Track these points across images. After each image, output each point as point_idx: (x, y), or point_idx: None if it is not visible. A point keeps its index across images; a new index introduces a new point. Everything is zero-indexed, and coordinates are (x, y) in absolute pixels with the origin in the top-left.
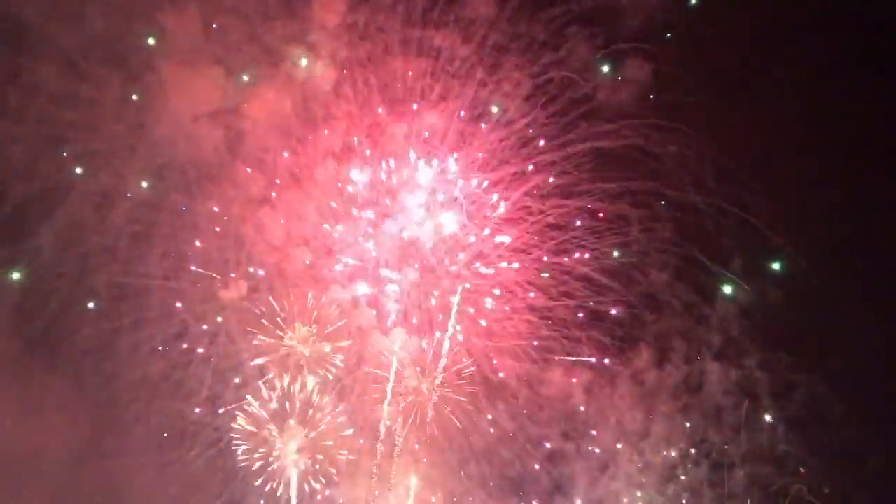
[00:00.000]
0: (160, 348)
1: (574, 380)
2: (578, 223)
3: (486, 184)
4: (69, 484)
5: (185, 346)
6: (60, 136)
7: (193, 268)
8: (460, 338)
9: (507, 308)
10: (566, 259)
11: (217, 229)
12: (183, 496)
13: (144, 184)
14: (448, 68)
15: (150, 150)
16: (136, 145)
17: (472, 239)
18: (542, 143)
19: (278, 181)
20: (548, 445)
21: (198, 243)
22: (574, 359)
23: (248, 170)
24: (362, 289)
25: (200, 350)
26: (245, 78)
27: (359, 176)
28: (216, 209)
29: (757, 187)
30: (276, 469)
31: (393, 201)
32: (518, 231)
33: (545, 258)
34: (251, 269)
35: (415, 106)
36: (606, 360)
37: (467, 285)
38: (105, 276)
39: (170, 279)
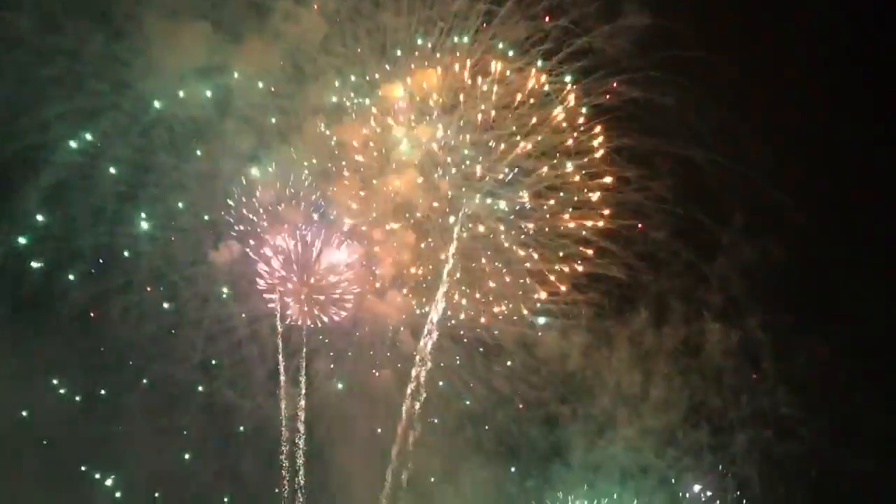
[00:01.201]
0: (150, 312)
1: (571, 343)
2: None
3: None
4: (63, 450)
5: (175, 309)
6: (43, 94)
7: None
8: (456, 301)
9: (504, 270)
10: (563, 220)
11: (206, 189)
12: (178, 461)
13: (130, 143)
14: (441, 23)
15: (135, 109)
16: (122, 103)
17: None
18: (538, 100)
19: (267, 139)
20: (545, 409)
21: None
22: (571, 321)
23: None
24: (356, 250)
25: (191, 313)
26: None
27: (350, 136)
28: (204, 169)
29: (758, 142)
30: (273, 434)
31: (386, 161)
32: (514, 192)
33: (542, 219)
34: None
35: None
36: (604, 322)
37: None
38: (92, 239)
39: (158, 241)
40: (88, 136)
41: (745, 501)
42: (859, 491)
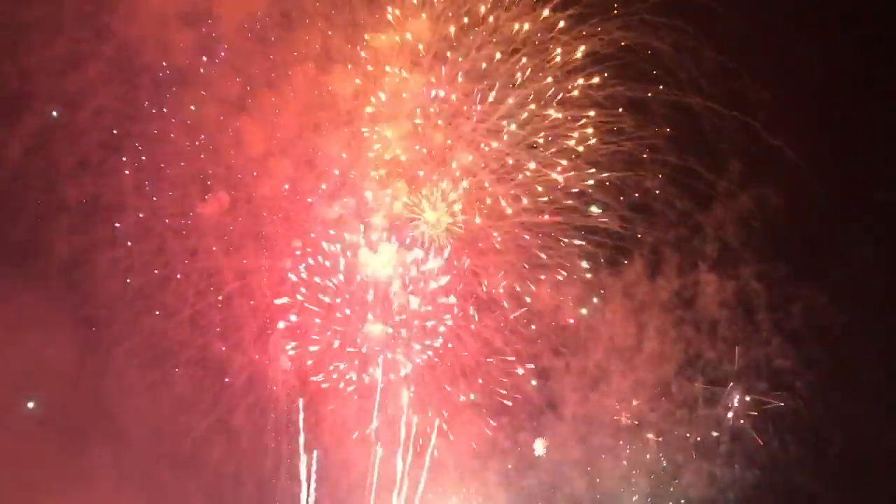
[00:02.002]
0: (138, 265)
1: (564, 294)
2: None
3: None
4: (57, 407)
5: (164, 262)
6: (21, 40)
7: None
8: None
9: (497, 223)
10: (556, 171)
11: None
12: (171, 416)
13: (113, 91)
14: None
15: (117, 55)
16: (103, 50)
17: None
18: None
19: (254, 87)
20: (538, 363)
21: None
22: (564, 273)
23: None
24: (347, 203)
25: (180, 267)
26: None
27: (339, 85)
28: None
29: (757, 87)
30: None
31: (378, 113)
32: (505, 143)
33: (535, 171)
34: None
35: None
36: (598, 274)
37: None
38: (76, 189)
39: (144, 192)
40: (70, 84)
41: (737, 454)
42: (854, 444)
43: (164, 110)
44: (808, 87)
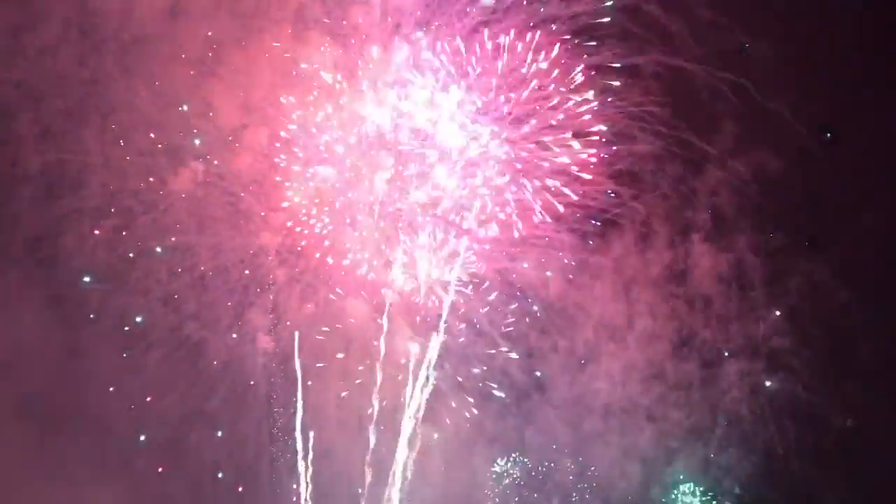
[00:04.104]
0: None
1: (550, 272)
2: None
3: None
4: (26, 391)
5: (134, 238)
6: None
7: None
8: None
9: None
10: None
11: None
12: (147, 402)
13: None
14: None
15: (79, 16)
16: (63, 11)
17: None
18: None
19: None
20: (523, 342)
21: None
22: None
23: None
24: (327, 177)
25: (151, 244)
26: None
27: (318, 53)
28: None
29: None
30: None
31: (358, 80)
32: (490, 117)
33: (520, 144)
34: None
35: None
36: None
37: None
38: (38, 160)
39: (111, 163)
40: (28, 49)
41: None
42: (852, 426)
43: (130, 75)
44: (808, 45)
